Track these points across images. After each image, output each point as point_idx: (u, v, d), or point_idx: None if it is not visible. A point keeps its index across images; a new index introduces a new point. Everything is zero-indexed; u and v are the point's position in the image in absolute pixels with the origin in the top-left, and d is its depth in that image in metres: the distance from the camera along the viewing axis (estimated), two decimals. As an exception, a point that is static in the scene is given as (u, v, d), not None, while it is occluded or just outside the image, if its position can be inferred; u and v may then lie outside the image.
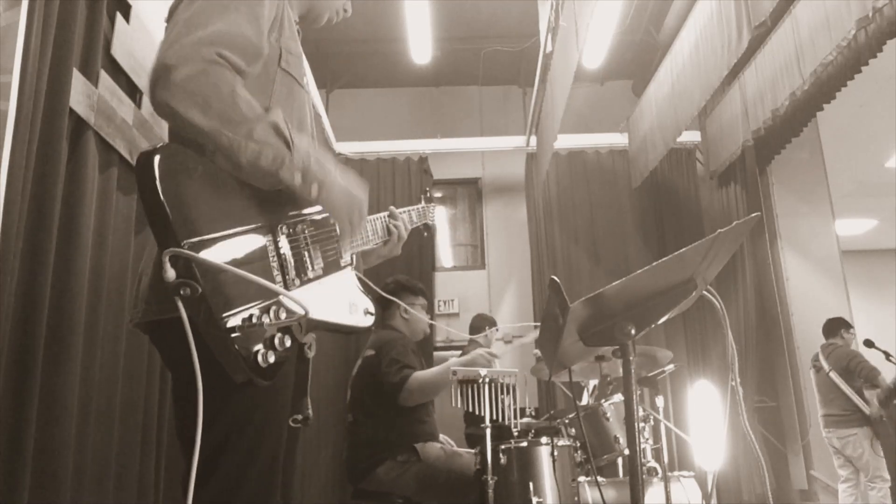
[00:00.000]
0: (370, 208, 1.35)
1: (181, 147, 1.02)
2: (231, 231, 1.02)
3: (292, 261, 1.12)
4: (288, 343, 1.04)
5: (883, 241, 9.54)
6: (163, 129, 2.53)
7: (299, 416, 1.35)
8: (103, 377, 2.03)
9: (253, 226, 1.07)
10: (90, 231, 1.98)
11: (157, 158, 0.94)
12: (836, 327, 4.85)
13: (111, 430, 2.05)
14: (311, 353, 1.34)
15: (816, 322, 5.15)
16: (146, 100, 2.45)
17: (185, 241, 0.93)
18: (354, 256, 1.52)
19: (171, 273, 0.91)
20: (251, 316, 0.98)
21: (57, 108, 1.83)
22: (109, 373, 2.08)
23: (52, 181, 1.80)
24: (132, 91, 2.38)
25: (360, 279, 1.39)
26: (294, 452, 1.37)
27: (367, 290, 1.42)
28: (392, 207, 1.64)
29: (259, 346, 0.99)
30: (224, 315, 0.95)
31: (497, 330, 4.51)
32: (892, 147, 7.07)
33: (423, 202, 1.83)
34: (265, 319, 0.99)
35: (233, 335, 0.95)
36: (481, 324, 4.49)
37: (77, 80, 1.96)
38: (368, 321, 1.34)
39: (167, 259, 0.91)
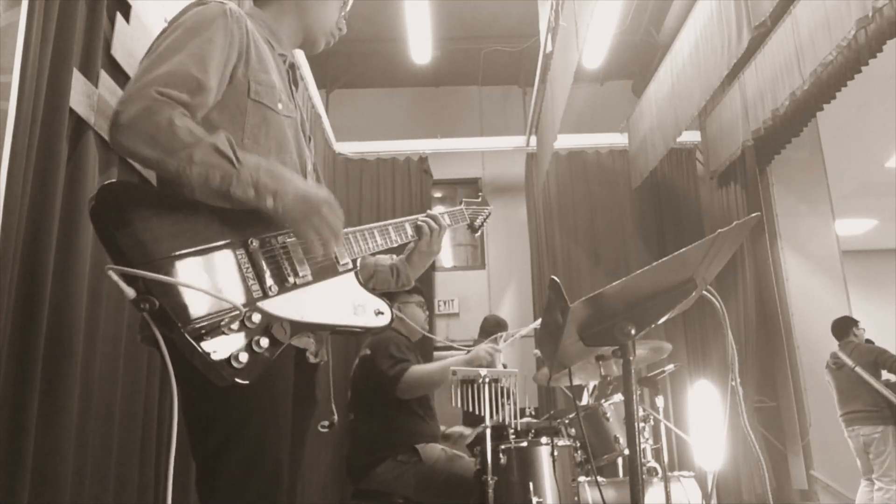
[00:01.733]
0: (369, 209, 1.36)
1: (128, 181, 1.10)
2: (192, 248, 1.09)
3: (268, 270, 1.16)
4: (265, 343, 1.08)
5: (883, 241, 9.54)
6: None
7: (326, 423, 1.39)
8: (103, 377, 2.03)
9: (220, 242, 1.13)
10: (90, 231, 1.98)
11: (99, 195, 1.05)
12: (847, 326, 4.85)
13: (111, 430, 2.05)
14: (315, 359, 1.36)
15: (816, 322, 5.14)
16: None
17: (138, 263, 1.01)
18: (401, 266, 1.62)
19: (128, 291, 1.00)
20: (218, 322, 1.04)
21: (57, 108, 1.83)
22: (109, 373, 2.08)
23: (52, 181, 1.80)
24: (132, 91, 2.37)
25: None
26: (301, 458, 1.38)
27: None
28: (429, 211, 1.69)
29: (233, 350, 1.05)
30: (187, 324, 1.01)
31: (503, 336, 4.49)
32: (892, 147, 7.07)
33: (462, 204, 1.83)
34: (233, 325, 1.05)
35: (201, 342, 1.02)
36: (494, 329, 4.45)
37: (77, 80, 1.96)
38: (381, 320, 1.37)
39: (116, 278, 0.99)
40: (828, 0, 3.72)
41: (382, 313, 1.37)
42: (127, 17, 2.34)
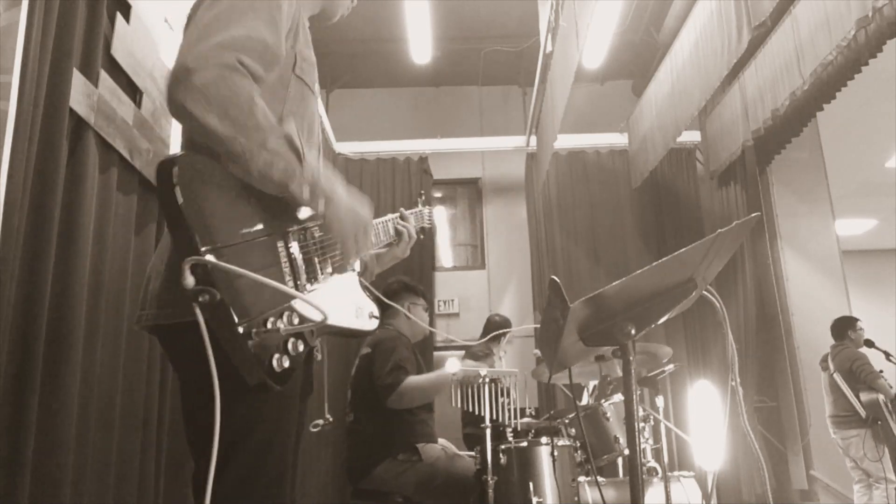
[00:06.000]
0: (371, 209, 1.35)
1: (198, 156, 1.02)
2: (246, 238, 1.02)
3: (303, 266, 1.12)
4: (301, 348, 1.04)
5: (883, 241, 9.53)
6: (162, 128, 2.53)
7: (320, 421, 1.36)
8: (103, 377, 2.03)
9: (266, 232, 1.07)
10: (90, 231, 1.98)
11: (175, 169, 0.96)
12: (843, 328, 4.86)
13: (111, 430, 2.05)
14: (319, 357, 1.34)
15: (816, 322, 5.13)
16: (146, 100, 2.45)
17: (204, 249, 0.94)
18: (369, 260, 1.56)
19: (190, 280, 0.91)
20: (267, 321, 0.98)
21: (57, 108, 1.83)
22: (109, 373, 2.08)
23: (52, 181, 1.80)
24: (132, 91, 2.38)
25: (361, 282, 1.40)
26: (297, 456, 1.38)
27: (371, 293, 1.42)
28: (402, 209, 1.67)
29: (275, 352, 1.00)
30: (242, 320, 0.95)
31: (506, 338, 4.48)
32: (892, 147, 7.06)
33: (419, 205, 1.83)
34: (280, 325, 1.00)
35: (250, 340, 0.96)
36: (496, 329, 4.43)
37: (77, 80, 1.96)
38: (373, 325, 1.35)
39: (187, 267, 0.91)
40: (828, 0, 3.72)
41: (375, 317, 1.35)
42: (127, 17, 2.35)
